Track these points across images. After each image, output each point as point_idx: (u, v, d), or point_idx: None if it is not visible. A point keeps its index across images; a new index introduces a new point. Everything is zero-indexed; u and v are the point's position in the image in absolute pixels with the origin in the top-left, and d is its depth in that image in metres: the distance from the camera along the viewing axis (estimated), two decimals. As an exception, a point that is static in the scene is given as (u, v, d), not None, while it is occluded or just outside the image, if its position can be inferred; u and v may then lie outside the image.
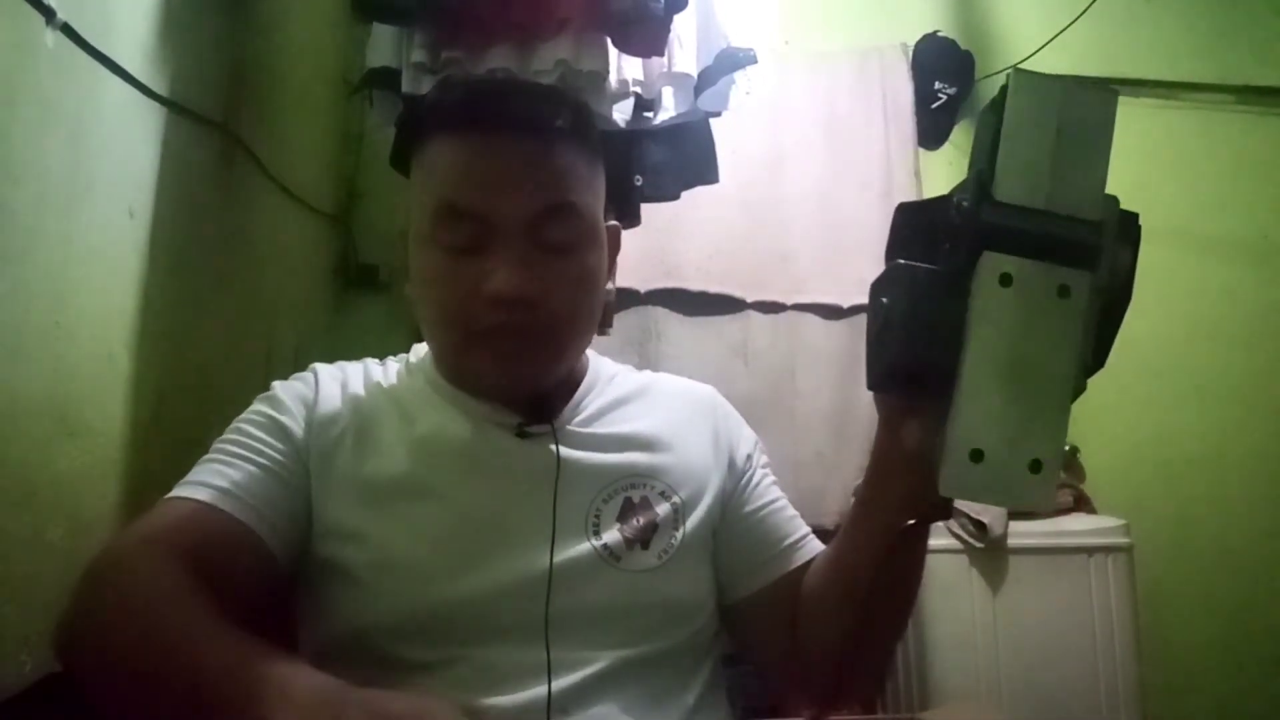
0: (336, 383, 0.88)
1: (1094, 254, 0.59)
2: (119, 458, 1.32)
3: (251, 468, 0.79)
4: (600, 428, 0.88)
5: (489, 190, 0.78)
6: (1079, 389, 0.62)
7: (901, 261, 0.62)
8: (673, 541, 0.85)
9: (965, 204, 0.57)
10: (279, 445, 0.81)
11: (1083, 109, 0.58)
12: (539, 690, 0.73)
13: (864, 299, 2.82)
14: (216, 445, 0.83)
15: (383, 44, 1.91)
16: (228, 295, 1.72)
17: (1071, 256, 0.58)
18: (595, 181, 0.85)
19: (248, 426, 0.83)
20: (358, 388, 0.89)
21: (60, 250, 1.17)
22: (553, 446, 0.83)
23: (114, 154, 1.31)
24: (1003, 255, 0.57)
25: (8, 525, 1.06)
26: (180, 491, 0.77)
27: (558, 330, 0.83)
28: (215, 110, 1.64)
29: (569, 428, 0.87)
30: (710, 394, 1.02)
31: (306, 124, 2.25)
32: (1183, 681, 2.48)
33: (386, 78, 1.89)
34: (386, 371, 0.93)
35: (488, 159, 0.79)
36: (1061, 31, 2.62)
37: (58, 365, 1.17)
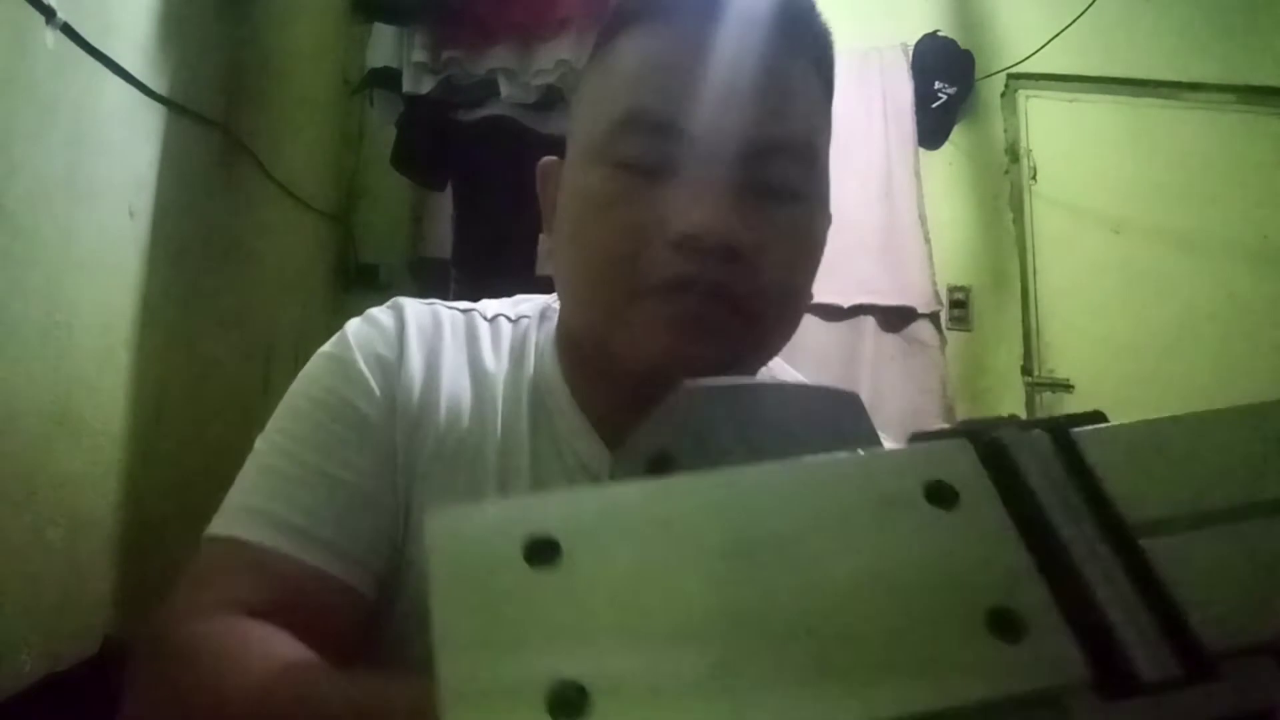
0: (423, 351, 0.64)
1: None
2: (119, 458, 1.32)
3: (331, 487, 0.58)
4: None
5: (699, 95, 0.55)
6: None
7: None
8: None
9: None
10: (361, 446, 0.60)
11: None
12: None
13: (864, 299, 2.77)
14: (276, 440, 0.60)
15: (383, 44, 1.91)
16: (228, 295, 1.72)
17: None
18: (829, 135, 0.61)
19: (321, 415, 0.60)
20: (456, 371, 0.64)
21: (60, 250, 1.17)
22: None
23: (114, 154, 1.31)
24: None
25: (8, 525, 1.06)
26: (242, 529, 0.56)
27: (766, 304, 0.56)
28: (215, 110, 1.64)
29: None
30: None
31: (306, 124, 2.25)
32: (1183, 681, 2.48)
33: (387, 78, 1.90)
34: (498, 345, 0.67)
35: (704, 59, 0.56)
36: (1061, 31, 2.62)
37: (58, 365, 1.17)
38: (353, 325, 0.64)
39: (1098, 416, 0.28)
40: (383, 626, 0.61)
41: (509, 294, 0.74)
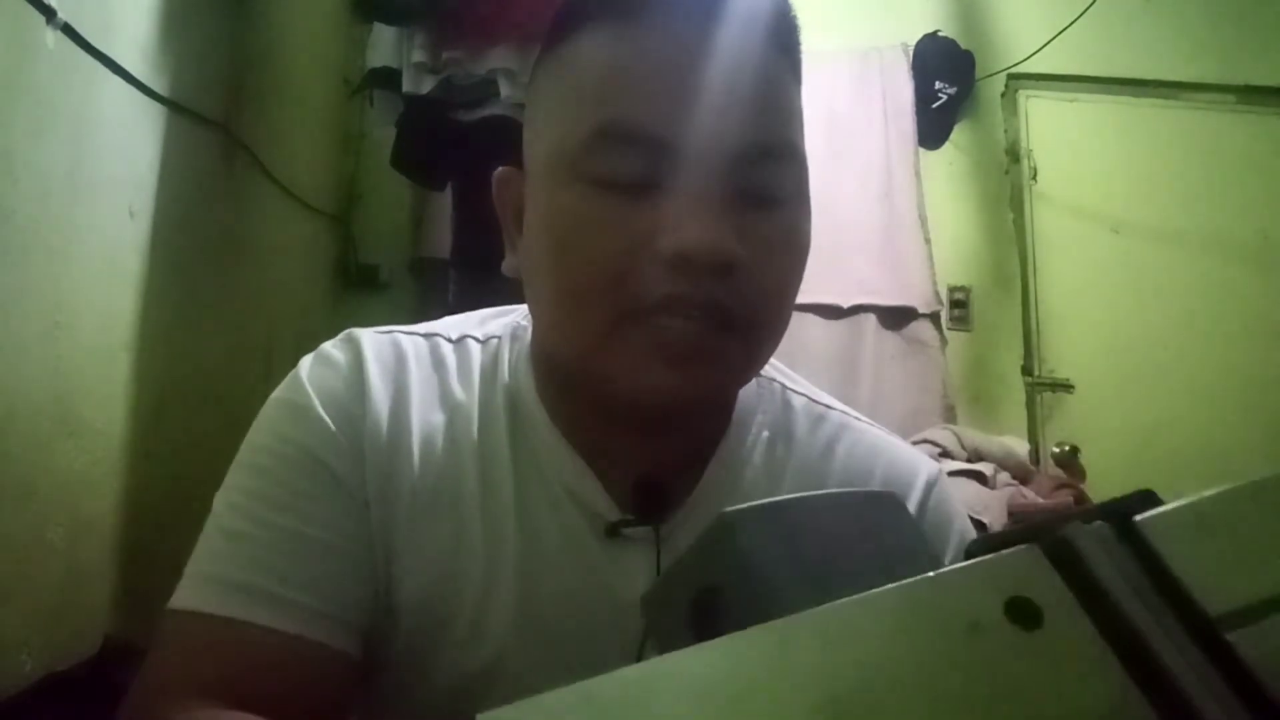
0: (388, 391, 0.60)
1: None
2: (119, 458, 1.32)
3: (300, 546, 0.55)
4: None
5: (679, 103, 0.52)
6: None
7: None
8: None
9: None
10: (327, 498, 0.56)
11: None
12: None
13: (864, 299, 2.78)
14: (237, 500, 0.56)
15: (383, 44, 1.91)
16: (228, 295, 1.72)
17: None
18: (803, 131, 0.58)
19: (281, 469, 0.56)
20: (426, 406, 0.60)
21: (60, 250, 1.17)
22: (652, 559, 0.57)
23: (114, 154, 1.31)
24: None
25: (8, 525, 1.06)
26: (213, 603, 0.52)
27: (760, 316, 0.54)
28: (215, 110, 1.64)
29: (688, 527, 0.58)
30: (924, 487, 0.65)
31: (306, 124, 2.25)
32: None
33: (387, 78, 1.90)
34: (467, 370, 0.63)
35: (683, 63, 0.52)
36: (1061, 31, 2.62)
37: (58, 365, 1.17)
38: (306, 366, 0.60)
39: (1151, 498, 0.28)
40: (376, 676, 0.59)
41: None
